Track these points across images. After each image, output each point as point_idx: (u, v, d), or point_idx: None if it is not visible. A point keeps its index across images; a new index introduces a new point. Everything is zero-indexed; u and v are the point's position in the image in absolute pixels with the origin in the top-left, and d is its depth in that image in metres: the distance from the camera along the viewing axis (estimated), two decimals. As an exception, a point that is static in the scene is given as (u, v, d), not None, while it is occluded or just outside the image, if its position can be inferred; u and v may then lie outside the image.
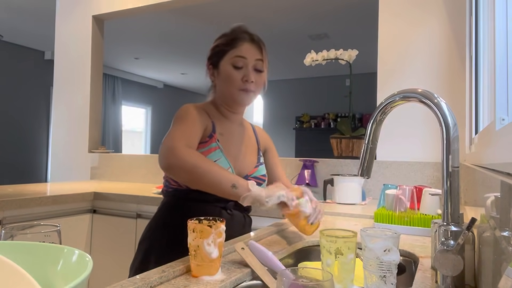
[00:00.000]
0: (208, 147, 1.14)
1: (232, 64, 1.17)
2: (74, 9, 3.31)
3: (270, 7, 4.37)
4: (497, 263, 0.52)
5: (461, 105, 1.88)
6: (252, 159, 1.29)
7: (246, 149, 1.29)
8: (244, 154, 1.26)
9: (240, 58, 1.17)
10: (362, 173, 0.84)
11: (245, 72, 1.17)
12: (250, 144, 1.32)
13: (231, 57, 1.18)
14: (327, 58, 2.40)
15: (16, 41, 5.93)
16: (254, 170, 1.26)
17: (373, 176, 2.09)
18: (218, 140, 1.17)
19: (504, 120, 0.83)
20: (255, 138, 1.36)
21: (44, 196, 1.92)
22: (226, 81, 1.19)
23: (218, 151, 1.15)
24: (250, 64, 1.18)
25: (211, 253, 0.73)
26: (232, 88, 1.18)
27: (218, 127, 1.20)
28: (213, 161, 1.09)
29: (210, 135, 1.16)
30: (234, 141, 1.25)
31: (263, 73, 1.22)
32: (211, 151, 1.14)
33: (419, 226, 1.22)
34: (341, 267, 0.68)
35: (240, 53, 1.18)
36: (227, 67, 1.18)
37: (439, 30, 2.06)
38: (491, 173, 0.69)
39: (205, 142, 1.15)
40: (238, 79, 1.17)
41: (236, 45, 1.19)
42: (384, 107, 0.80)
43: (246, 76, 1.17)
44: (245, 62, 1.18)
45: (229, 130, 1.25)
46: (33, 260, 0.44)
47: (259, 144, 1.36)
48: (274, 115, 8.52)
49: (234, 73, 1.17)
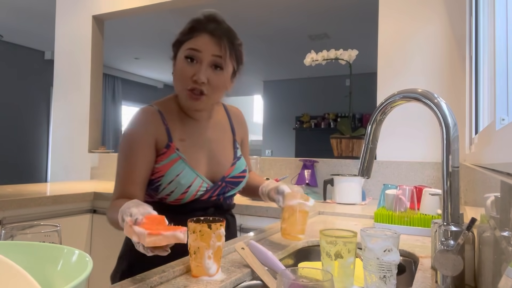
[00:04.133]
0: (169, 159, 1.01)
1: (185, 57, 0.99)
2: (74, 9, 3.31)
3: (270, 7, 4.37)
4: (497, 263, 0.52)
5: (461, 105, 1.88)
6: (228, 157, 1.13)
7: (219, 147, 1.12)
8: (216, 154, 1.11)
9: (193, 51, 0.98)
10: (362, 173, 0.84)
11: (197, 69, 0.98)
12: (224, 139, 1.15)
13: (186, 49, 1.00)
14: (327, 58, 2.40)
15: (16, 41, 5.93)
16: (231, 169, 1.11)
17: (373, 176, 2.09)
18: (177, 149, 1.02)
19: (504, 120, 0.83)
20: (230, 128, 1.18)
21: (44, 196, 1.92)
22: (176, 77, 1.02)
23: (180, 162, 1.01)
24: (206, 60, 0.98)
25: (209, 268, 0.74)
26: (180, 87, 1.01)
27: (177, 132, 1.05)
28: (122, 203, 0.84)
29: (167, 145, 1.02)
30: (200, 143, 1.09)
31: (223, 73, 1.01)
32: (173, 163, 1.01)
33: (419, 226, 1.22)
34: (340, 271, 0.68)
35: (194, 45, 0.98)
36: (180, 60, 1.01)
37: (439, 30, 2.06)
38: (491, 173, 0.69)
39: (163, 153, 1.01)
40: (188, 77, 0.98)
41: (193, 36, 1.00)
42: (384, 107, 0.80)
43: (196, 74, 0.97)
44: (199, 56, 0.98)
45: (194, 131, 1.08)
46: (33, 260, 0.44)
47: (235, 134, 1.18)
48: (274, 115, 8.52)
49: (185, 69, 0.99)
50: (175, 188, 1.00)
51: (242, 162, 1.15)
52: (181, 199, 1.03)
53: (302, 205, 0.98)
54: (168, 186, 1.00)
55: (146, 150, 1.00)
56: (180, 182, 1.00)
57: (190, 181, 1.02)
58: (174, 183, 1.00)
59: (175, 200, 1.03)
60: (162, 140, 1.02)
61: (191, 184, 1.02)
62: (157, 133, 1.02)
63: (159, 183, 1.01)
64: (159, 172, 1.01)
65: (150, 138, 1.01)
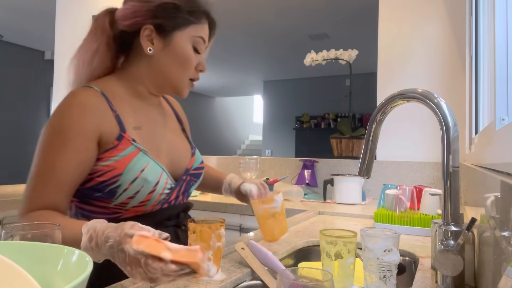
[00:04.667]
0: (124, 154, 0.80)
1: (193, 45, 0.89)
2: (74, 9, 3.31)
3: (270, 7, 4.37)
4: (497, 263, 0.52)
5: (461, 105, 1.88)
6: (185, 146, 1.00)
7: (175, 136, 0.99)
8: (175, 144, 0.97)
9: (202, 40, 0.90)
10: (362, 173, 0.84)
11: (199, 59, 0.91)
12: (175, 126, 1.02)
13: (193, 35, 0.88)
14: (327, 58, 2.40)
15: (16, 41, 5.93)
16: (192, 160, 0.98)
17: (373, 176, 2.09)
18: (134, 140, 0.83)
19: (504, 120, 0.83)
20: (176, 117, 1.05)
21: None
22: (179, 63, 0.88)
23: (141, 155, 0.82)
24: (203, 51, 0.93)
25: (209, 270, 0.74)
26: (183, 75, 0.89)
27: (130, 118, 0.86)
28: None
29: (119, 137, 0.81)
30: (158, 131, 0.93)
31: None
32: (131, 157, 0.81)
33: (419, 226, 1.22)
34: (340, 271, 0.68)
35: (204, 34, 0.90)
36: (187, 45, 0.88)
37: (439, 30, 2.06)
38: (491, 173, 0.69)
39: (114, 147, 0.80)
40: (192, 66, 0.90)
41: (200, 21, 0.90)
42: (384, 107, 0.80)
43: (201, 65, 0.91)
44: (203, 47, 0.92)
45: (149, 117, 0.92)
46: (33, 260, 0.44)
47: (182, 122, 1.06)
48: (274, 115, 8.52)
49: (193, 58, 0.89)
50: (140, 188, 0.81)
51: (199, 153, 1.04)
52: (146, 202, 0.84)
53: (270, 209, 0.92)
54: (131, 186, 0.80)
55: (84, 145, 0.77)
56: (147, 178, 0.82)
57: (158, 176, 0.84)
58: (140, 181, 0.81)
59: (139, 203, 0.83)
60: (110, 131, 0.81)
61: (158, 180, 0.84)
62: (103, 122, 0.80)
63: (116, 184, 0.80)
64: (114, 170, 0.79)
65: (92, 129, 0.79)
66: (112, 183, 0.80)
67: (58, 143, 0.76)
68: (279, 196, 0.93)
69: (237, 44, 5.76)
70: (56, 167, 0.75)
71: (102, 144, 0.80)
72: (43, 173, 0.76)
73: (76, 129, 0.77)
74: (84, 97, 0.81)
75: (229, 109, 11.08)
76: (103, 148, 0.80)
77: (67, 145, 0.76)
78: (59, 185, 0.76)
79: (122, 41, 0.90)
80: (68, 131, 0.77)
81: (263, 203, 0.91)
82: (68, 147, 0.76)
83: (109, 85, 0.87)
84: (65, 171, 0.76)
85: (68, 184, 0.77)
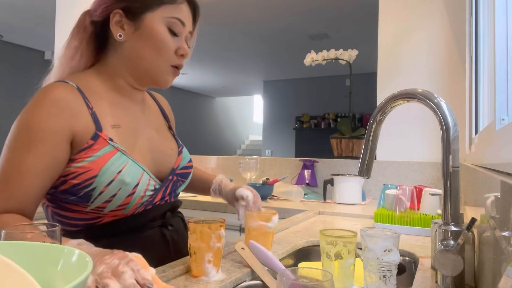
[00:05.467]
0: (99, 154, 0.75)
1: (168, 27, 0.82)
2: (74, 9, 3.30)
3: (270, 7, 4.37)
4: (497, 263, 0.52)
5: (461, 105, 1.88)
6: (171, 145, 0.95)
7: (159, 134, 0.94)
8: (159, 142, 0.91)
9: (179, 22, 0.83)
10: (362, 173, 0.84)
11: (179, 43, 0.84)
12: (161, 124, 0.97)
13: (167, 16, 0.81)
14: (327, 58, 2.40)
15: (16, 41, 5.93)
16: (179, 159, 0.93)
17: (373, 176, 2.09)
18: (111, 139, 0.77)
19: (504, 120, 0.83)
20: (162, 115, 1.00)
21: (44, 196, 1.92)
22: (153, 47, 0.81)
23: (119, 155, 0.77)
24: (184, 35, 0.85)
25: (209, 273, 0.74)
26: (161, 61, 0.82)
27: (108, 116, 0.80)
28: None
29: (94, 136, 0.75)
30: (139, 129, 0.87)
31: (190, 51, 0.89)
32: (108, 157, 0.75)
33: (419, 226, 1.22)
34: (340, 271, 0.68)
35: (181, 15, 0.83)
36: (160, 27, 0.81)
37: (439, 30, 2.06)
38: (491, 173, 0.69)
39: (88, 147, 0.75)
40: (172, 51, 0.82)
41: (175, 1, 0.83)
42: (384, 107, 0.80)
43: (182, 48, 0.83)
44: (182, 30, 0.84)
45: (130, 115, 0.86)
46: (33, 260, 0.44)
47: (168, 119, 1.01)
48: (274, 115, 8.53)
49: (169, 41, 0.82)
50: (118, 190, 0.76)
51: (187, 151, 0.99)
52: (125, 206, 0.78)
53: (264, 227, 0.90)
54: (107, 189, 0.75)
55: (54, 145, 0.71)
56: (125, 180, 0.76)
57: (137, 177, 0.78)
58: (117, 183, 0.75)
59: (117, 207, 0.78)
60: (84, 130, 0.75)
61: (138, 181, 0.79)
62: (76, 120, 0.74)
63: (91, 187, 0.74)
64: (88, 171, 0.74)
65: (63, 127, 0.73)
66: (86, 186, 0.74)
67: (25, 143, 0.71)
68: (276, 217, 0.91)
69: (237, 44, 5.76)
70: (23, 169, 0.70)
71: (76, 144, 0.74)
72: (9, 174, 0.70)
73: (45, 129, 0.71)
74: (57, 93, 0.74)
75: (229, 109, 11.08)
76: (77, 148, 0.74)
77: (36, 146, 0.70)
78: (25, 189, 0.70)
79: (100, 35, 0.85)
80: (36, 131, 0.71)
81: (260, 219, 0.90)
82: (37, 148, 0.70)
83: (87, 80, 0.81)
84: (33, 174, 0.70)
85: (36, 188, 0.71)
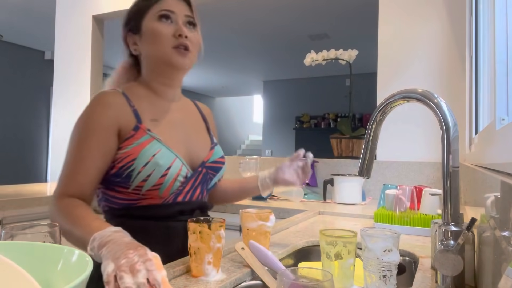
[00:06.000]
0: (139, 142, 0.91)
1: (159, 20, 0.96)
2: (74, 9, 3.31)
3: (270, 7, 4.37)
4: (497, 263, 0.52)
5: (461, 105, 1.88)
6: (205, 141, 1.08)
7: (195, 130, 1.08)
8: (193, 137, 1.05)
9: (167, 11, 0.96)
10: (362, 173, 0.84)
11: (175, 27, 0.96)
12: (197, 123, 1.11)
13: (155, 12, 0.96)
14: (327, 58, 2.40)
15: (16, 41, 5.93)
16: (210, 153, 1.05)
17: (373, 176, 2.09)
18: (149, 130, 0.93)
19: (504, 120, 0.83)
20: (201, 116, 1.14)
21: (44, 196, 1.92)
22: (154, 40, 0.96)
23: (155, 142, 0.92)
24: (180, 20, 0.97)
25: (209, 274, 0.74)
26: (163, 47, 0.95)
27: (148, 112, 0.97)
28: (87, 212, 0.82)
29: (135, 127, 0.92)
30: (175, 124, 1.02)
31: (197, 31, 1.01)
32: (146, 144, 0.91)
33: (419, 226, 1.22)
34: (340, 272, 0.68)
35: (166, 6, 0.97)
36: (152, 23, 0.96)
37: (439, 30, 2.06)
38: (491, 173, 0.69)
39: (131, 136, 0.91)
40: (169, 35, 0.95)
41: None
42: (384, 107, 0.80)
43: (179, 30, 0.95)
44: (174, 17, 0.97)
45: (166, 111, 1.02)
46: (33, 260, 0.44)
47: (207, 122, 1.15)
48: (274, 115, 8.52)
49: (163, 28, 0.95)
50: (152, 171, 0.89)
51: (220, 149, 1.10)
52: (160, 185, 0.91)
53: (263, 227, 0.91)
54: (144, 169, 0.89)
55: (105, 137, 0.89)
56: (158, 162, 0.90)
57: (170, 161, 0.92)
58: (151, 165, 0.89)
59: (154, 186, 0.91)
60: (128, 124, 0.92)
61: (170, 165, 0.92)
62: (121, 116, 0.92)
63: (131, 168, 0.89)
64: (130, 155, 0.90)
65: (111, 123, 0.91)
66: (128, 167, 0.90)
67: (83, 137, 0.90)
68: (273, 216, 0.92)
69: (237, 44, 5.76)
70: (83, 158, 0.88)
71: (122, 135, 0.92)
72: (72, 163, 0.89)
73: (98, 125, 0.90)
74: (105, 97, 0.94)
75: (229, 109, 11.08)
76: (122, 138, 0.91)
77: (91, 139, 0.89)
78: (85, 174, 0.88)
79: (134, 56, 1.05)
80: (91, 127, 0.90)
81: (259, 218, 0.90)
82: (92, 140, 0.89)
83: (131, 88, 1.01)
84: (90, 161, 0.88)
85: (93, 173, 0.88)
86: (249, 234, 0.89)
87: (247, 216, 0.90)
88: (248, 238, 0.88)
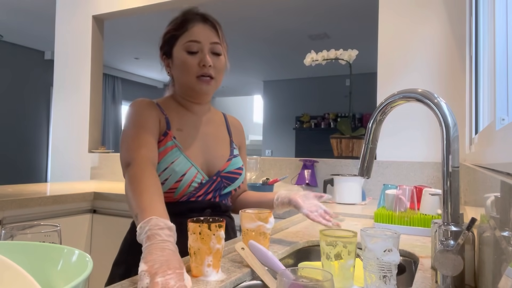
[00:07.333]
0: (164, 147, 1.04)
1: (186, 50, 1.07)
2: (74, 9, 3.31)
3: (270, 7, 4.37)
4: (497, 263, 0.52)
5: (461, 105, 1.88)
6: (223, 153, 1.16)
7: (215, 142, 1.16)
8: (212, 148, 1.14)
9: (193, 42, 1.07)
10: (362, 173, 0.84)
11: (200, 56, 1.06)
12: (219, 136, 1.20)
13: (184, 43, 1.07)
14: (327, 58, 2.40)
15: (16, 41, 5.93)
16: (226, 164, 1.13)
17: (373, 176, 2.09)
18: (174, 138, 1.06)
19: (504, 120, 0.83)
20: (227, 129, 1.24)
21: (44, 196, 1.92)
22: (181, 69, 1.08)
23: (175, 150, 1.04)
24: (206, 48, 1.07)
25: (208, 276, 0.74)
26: (188, 76, 1.07)
27: (175, 122, 1.10)
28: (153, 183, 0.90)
29: (164, 133, 1.06)
30: (197, 135, 1.12)
31: (222, 57, 1.11)
32: (167, 151, 1.03)
33: (419, 226, 1.22)
34: (340, 273, 0.68)
35: (192, 37, 1.07)
36: (180, 54, 1.08)
37: (439, 30, 2.06)
38: (491, 173, 0.69)
39: (161, 140, 1.04)
40: (195, 65, 1.06)
41: (188, 28, 1.08)
42: (384, 107, 0.80)
43: (202, 60, 1.06)
44: (200, 46, 1.07)
45: (190, 123, 1.13)
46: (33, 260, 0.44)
47: (232, 135, 1.23)
48: (274, 115, 8.52)
49: (189, 59, 1.06)
50: (169, 176, 1.01)
51: (239, 160, 1.18)
52: (175, 189, 1.02)
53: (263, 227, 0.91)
54: (163, 174, 1.01)
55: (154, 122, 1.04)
56: (175, 169, 1.02)
57: (185, 169, 1.03)
58: (169, 170, 1.01)
59: (169, 189, 1.02)
60: (162, 127, 1.06)
61: (185, 172, 1.03)
62: (159, 117, 1.06)
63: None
64: None
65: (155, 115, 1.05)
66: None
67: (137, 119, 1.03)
68: (272, 217, 0.92)
69: (237, 44, 5.76)
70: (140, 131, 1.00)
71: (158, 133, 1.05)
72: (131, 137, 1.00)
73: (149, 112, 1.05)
74: (145, 101, 1.09)
75: (229, 109, 11.07)
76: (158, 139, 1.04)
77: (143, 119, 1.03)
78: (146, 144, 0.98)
79: None
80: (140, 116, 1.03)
81: (258, 219, 0.90)
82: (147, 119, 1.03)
83: (164, 100, 1.15)
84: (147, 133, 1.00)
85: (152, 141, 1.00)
86: (248, 234, 0.89)
87: (246, 216, 0.90)
88: (247, 238, 0.88)
